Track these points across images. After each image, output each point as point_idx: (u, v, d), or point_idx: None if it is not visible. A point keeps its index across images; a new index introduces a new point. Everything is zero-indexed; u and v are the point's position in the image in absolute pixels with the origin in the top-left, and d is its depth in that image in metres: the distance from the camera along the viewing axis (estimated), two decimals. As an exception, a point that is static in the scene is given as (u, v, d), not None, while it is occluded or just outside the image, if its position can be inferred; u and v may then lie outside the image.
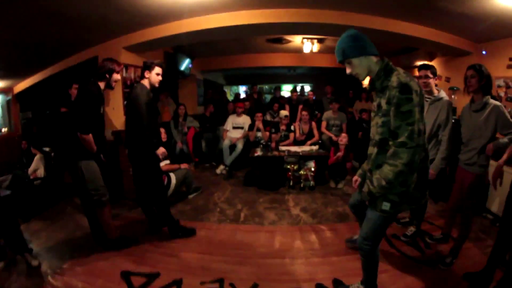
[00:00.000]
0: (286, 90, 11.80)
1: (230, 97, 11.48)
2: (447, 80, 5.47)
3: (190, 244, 3.12)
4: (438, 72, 5.52)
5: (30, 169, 4.57)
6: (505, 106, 3.90)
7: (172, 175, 4.18)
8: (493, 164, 3.25)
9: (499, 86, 4.25)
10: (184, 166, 4.52)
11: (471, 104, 2.58)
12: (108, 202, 2.94)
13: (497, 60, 4.24)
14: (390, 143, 1.73)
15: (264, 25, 3.88)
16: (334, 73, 8.36)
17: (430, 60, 6.08)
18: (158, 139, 3.23)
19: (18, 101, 7.05)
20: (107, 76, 2.82)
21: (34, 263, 2.71)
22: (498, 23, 3.53)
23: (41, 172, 4.58)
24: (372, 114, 1.94)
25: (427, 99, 2.86)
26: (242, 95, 13.72)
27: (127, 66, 4.43)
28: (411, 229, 3.24)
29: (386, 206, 1.83)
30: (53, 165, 4.69)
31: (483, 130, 2.46)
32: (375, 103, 1.88)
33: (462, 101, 2.62)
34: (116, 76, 2.90)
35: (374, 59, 1.80)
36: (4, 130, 6.88)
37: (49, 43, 4.16)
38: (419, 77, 2.85)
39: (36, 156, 4.65)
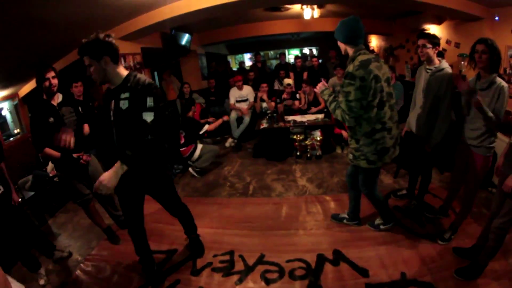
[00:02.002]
0: (293, 55, 11.61)
1: (236, 66, 11.39)
2: (457, 45, 5.21)
3: (204, 220, 3.32)
4: (447, 36, 5.51)
5: (49, 167, 4.70)
6: None
7: (199, 146, 4.69)
8: (501, 138, 3.17)
9: (511, 56, 3.92)
10: (225, 118, 5.29)
11: (477, 82, 2.40)
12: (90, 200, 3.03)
13: (510, 27, 3.91)
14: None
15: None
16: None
17: (439, 23, 5.77)
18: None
19: (25, 103, 7.24)
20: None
21: (64, 255, 2.99)
22: None
23: None
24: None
25: (428, 70, 2.74)
26: (248, 63, 13.60)
27: (125, 56, 4.49)
28: (414, 203, 3.26)
29: (350, 156, 2.61)
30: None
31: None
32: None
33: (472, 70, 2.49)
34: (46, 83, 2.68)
35: (351, 48, 2.40)
36: (16, 131, 7.13)
37: (41, 47, 4.18)
38: (417, 46, 2.75)
39: None
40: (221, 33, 7.88)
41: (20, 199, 2.92)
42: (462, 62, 4.82)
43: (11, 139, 6.05)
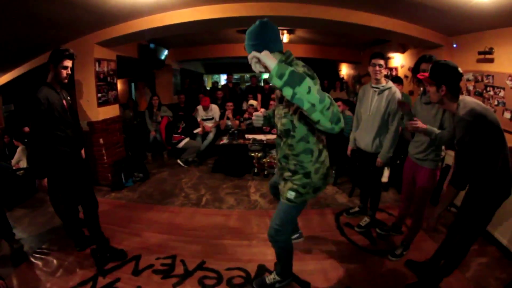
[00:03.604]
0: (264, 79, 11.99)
1: (210, 86, 11.64)
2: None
3: (152, 226, 3.45)
4: (410, 64, 5.93)
5: (13, 161, 4.79)
6: None
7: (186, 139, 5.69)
8: (449, 153, 3.35)
9: (468, 80, 4.27)
10: (199, 131, 6.00)
11: (422, 96, 2.54)
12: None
13: (467, 53, 4.27)
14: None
15: (224, 19, 4.04)
16: (309, 63, 8.54)
17: (403, 52, 6.26)
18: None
19: (0, 93, 7.12)
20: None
21: (16, 245, 3.00)
22: (467, 15, 3.50)
23: (23, 163, 4.78)
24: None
25: (375, 89, 2.91)
26: (223, 83, 13.91)
27: (99, 60, 4.60)
28: (366, 219, 3.30)
29: (291, 195, 1.99)
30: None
31: (432, 123, 2.38)
32: (277, 94, 2.03)
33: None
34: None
35: (278, 55, 1.80)
36: None
37: (24, 41, 4.28)
38: (372, 65, 2.90)
39: (18, 148, 4.86)
40: (195, 50, 8.10)
41: None
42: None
43: None
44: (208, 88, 9.83)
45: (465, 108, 1.85)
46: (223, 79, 14.41)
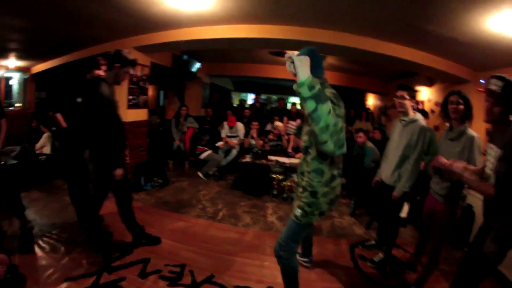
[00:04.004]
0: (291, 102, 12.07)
1: (237, 103, 11.80)
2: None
3: (166, 232, 3.41)
4: (437, 98, 5.85)
5: (38, 145, 5.04)
6: None
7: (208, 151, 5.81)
8: (474, 194, 3.24)
9: None
10: (221, 145, 6.12)
11: (448, 132, 2.50)
12: None
13: None
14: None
15: (258, 40, 4.15)
16: (337, 90, 8.57)
17: (430, 85, 6.20)
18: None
19: (35, 80, 7.52)
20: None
21: (28, 225, 3.14)
22: (494, 50, 3.53)
23: (47, 149, 5.02)
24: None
25: (402, 121, 2.87)
26: (250, 102, 14.08)
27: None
28: (379, 255, 3.15)
29: (298, 212, 2.02)
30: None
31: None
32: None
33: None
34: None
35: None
36: (17, 105, 7.32)
37: (67, 35, 4.58)
38: (395, 97, 2.88)
39: (44, 134, 5.11)
40: (227, 67, 8.28)
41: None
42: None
43: (11, 108, 6.23)
44: (235, 105, 9.97)
45: None
46: (250, 98, 14.59)
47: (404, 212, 4.09)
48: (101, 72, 3.05)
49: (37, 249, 2.90)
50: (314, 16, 3.57)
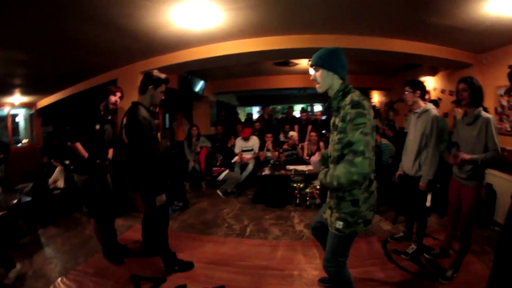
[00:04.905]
0: (297, 110, 12.07)
1: (243, 118, 11.81)
2: (451, 93, 5.55)
3: (197, 255, 3.32)
4: (442, 86, 5.87)
5: (51, 180, 5.00)
6: (507, 116, 4.07)
7: (226, 171, 5.73)
8: (493, 173, 3.37)
9: (501, 95, 4.24)
10: (237, 160, 6.03)
11: (464, 117, 2.62)
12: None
13: (498, 69, 4.26)
14: (346, 152, 1.73)
15: (267, 52, 4.14)
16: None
17: (434, 74, 6.22)
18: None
19: (40, 115, 7.59)
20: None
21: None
22: (493, 31, 3.55)
23: (60, 183, 4.98)
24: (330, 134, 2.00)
25: (415, 113, 3.01)
26: (255, 116, 14.10)
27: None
28: (412, 246, 3.21)
29: (339, 225, 1.87)
30: (72, 177, 5.01)
31: (476, 144, 2.47)
32: (331, 121, 1.95)
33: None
34: (113, 98, 3.14)
35: (339, 80, 1.87)
36: (25, 141, 7.36)
37: (71, 66, 4.60)
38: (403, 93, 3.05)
39: (57, 168, 5.07)
40: (232, 83, 8.31)
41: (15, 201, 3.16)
42: (456, 108, 4.95)
43: (19, 145, 6.24)
44: (242, 120, 9.96)
45: None
46: (255, 111, 14.61)
47: (428, 201, 4.09)
48: (116, 98, 3.10)
49: (63, 285, 2.80)
50: (320, 23, 3.58)
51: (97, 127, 3.07)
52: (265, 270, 3.03)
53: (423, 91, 3.01)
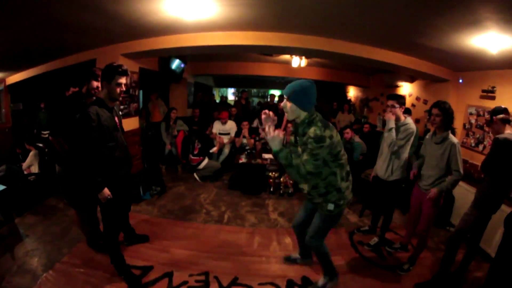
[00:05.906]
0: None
1: (218, 99, 11.80)
2: (425, 102, 5.97)
3: (180, 242, 3.50)
4: (417, 94, 6.28)
5: (25, 165, 4.70)
6: (473, 133, 4.47)
7: (206, 160, 5.79)
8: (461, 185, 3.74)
9: (471, 114, 4.59)
10: (215, 150, 6.10)
11: (433, 136, 2.92)
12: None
13: (471, 89, 4.60)
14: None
15: (256, 46, 4.24)
16: (320, 84, 8.80)
17: (411, 81, 6.56)
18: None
19: (10, 92, 7.14)
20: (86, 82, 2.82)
21: None
22: (475, 58, 3.83)
23: (35, 168, 4.71)
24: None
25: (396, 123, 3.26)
26: (230, 97, 14.08)
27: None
28: (375, 239, 3.63)
29: (331, 206, 2.39)
30: (47, 161, 4.71)
31: (439, 160, 2.79)
32: (295, 135, 2.43)
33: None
34: (95, 83, 2.81)
35: (305, 113, 2.24)
36: None
37: (47, 44, 4.35)
38: (387, 106, 3.24)
39: (31, 153, 4.75)
40: (212, 66, 8.28)
41: None
42: (427, 123, 5.42)
43: None
44: (217, 102, 9.97)
45: None
46: (230, 92, 14.60)
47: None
48: (98, 84, 2.81)
49: (50, 283, 2.69)
50: (312, 25, 3.71)
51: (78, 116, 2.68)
52: (244, 256, 3.29)
53: (404, 105, 3.28)
